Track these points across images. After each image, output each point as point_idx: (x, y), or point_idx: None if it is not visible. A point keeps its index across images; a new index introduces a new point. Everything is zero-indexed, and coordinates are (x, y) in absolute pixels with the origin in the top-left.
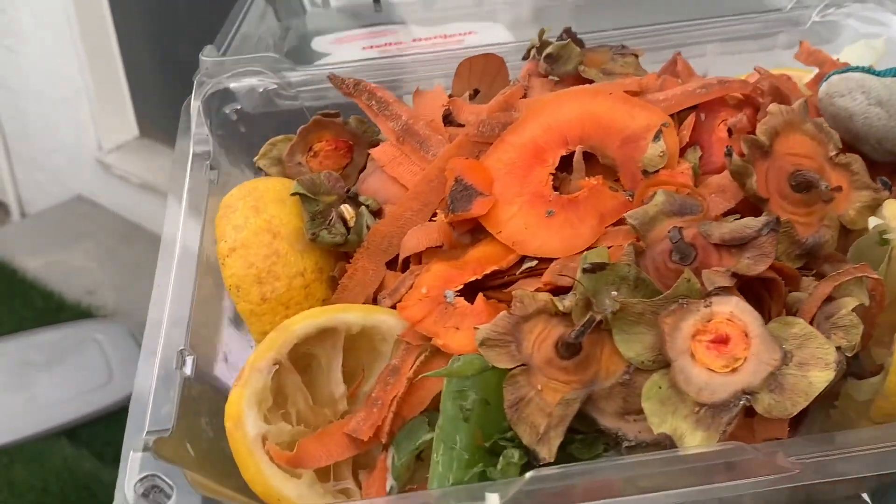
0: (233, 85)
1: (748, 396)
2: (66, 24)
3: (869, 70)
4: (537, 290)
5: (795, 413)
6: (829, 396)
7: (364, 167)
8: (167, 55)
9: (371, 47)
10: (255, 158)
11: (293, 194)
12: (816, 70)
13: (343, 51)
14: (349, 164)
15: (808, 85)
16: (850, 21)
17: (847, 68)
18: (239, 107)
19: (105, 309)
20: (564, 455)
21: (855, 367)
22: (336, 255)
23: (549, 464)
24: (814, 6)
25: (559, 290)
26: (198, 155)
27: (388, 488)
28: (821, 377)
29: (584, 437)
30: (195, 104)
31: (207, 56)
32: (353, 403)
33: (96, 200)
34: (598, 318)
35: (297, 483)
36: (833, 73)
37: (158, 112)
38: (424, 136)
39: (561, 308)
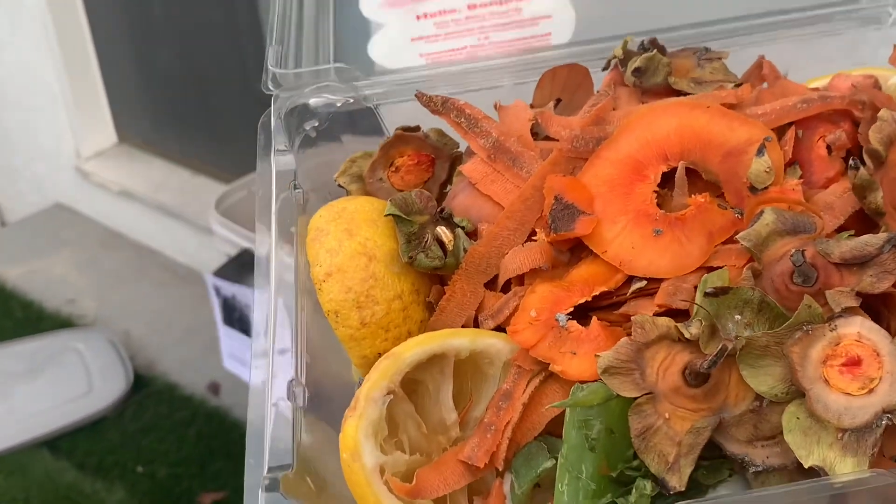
0: (311, 100)
1: (889, 415)
2: (42, 31)
3: None
4: (654, 313)
5: None
6: None
7: (445, 180)
8: (144, 61)
9: (425, 15)
10: (336, 175)
11: (387, 215)
12: None
13: (394, 17)
14: (430, 179)
15: None
16: None
17: None
18: (317, 123)
19: (85, 318)
20: (690, 482)
21: None
22: (430, 276)
23: (680, 493)
24: (891, 3)
25: (674, 313)
26: (281, 174)
27: None
28: None
29: (710, 462)
30: (275, 121)
31: (275, 66)
32: (463, 429)
33: (75, 208)
34: (730, 347)
35: None
36: None
37: (137, 118)
38: (516, 153)
39: (687, 335)
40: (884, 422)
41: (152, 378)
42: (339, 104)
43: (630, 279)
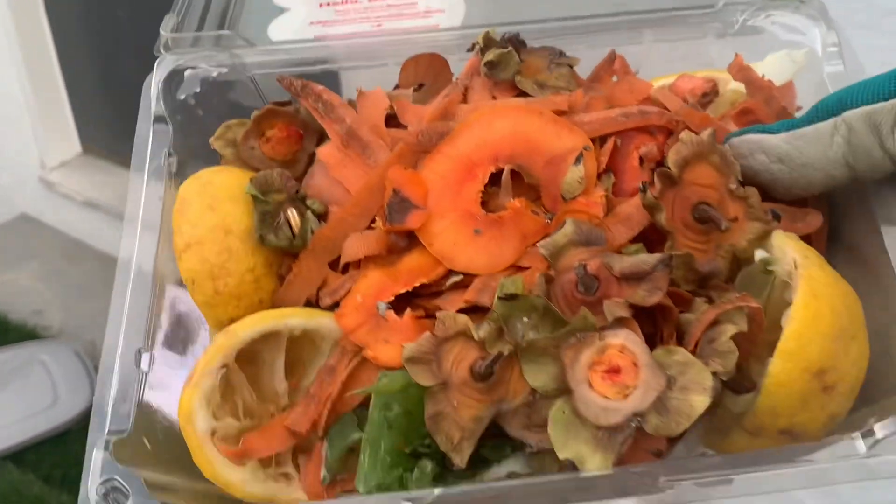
0: (190, 66)
1: (639, 419)
2: (4, 41)
3: (764, 129)
4: (460, 308)
5: (680, 432)
6: (709, 407)
7: (313, 154)
8: (109, 71)
9: (329, 3)
10: (211, 140)
11: (248, 193)
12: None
13: (300, 3)
14: (300, 151)
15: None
16: (776, 28)
17: (743, 130)
18: (198, 90)
19: (51, 329)
20: (477, 456)
21: (733, 382)
22: (284, 252)
23: (461, 470)
24: (742, 8)
25: (480, 308)
26: (157, 139)
27: (321, 477)
28: (700, 401)
29: (495, 441)
30: (155, 84)
31: (165, 29)
32: (294, 395)
33: (40, 219)
34: (507, 352)
35: (241, 471)
36: (731, 136)
37: (101, 129)
38: (367, 142)
39: (476, 337)
40: (634, 424)
41: None
42: (215, 73)
43: (450, 272)
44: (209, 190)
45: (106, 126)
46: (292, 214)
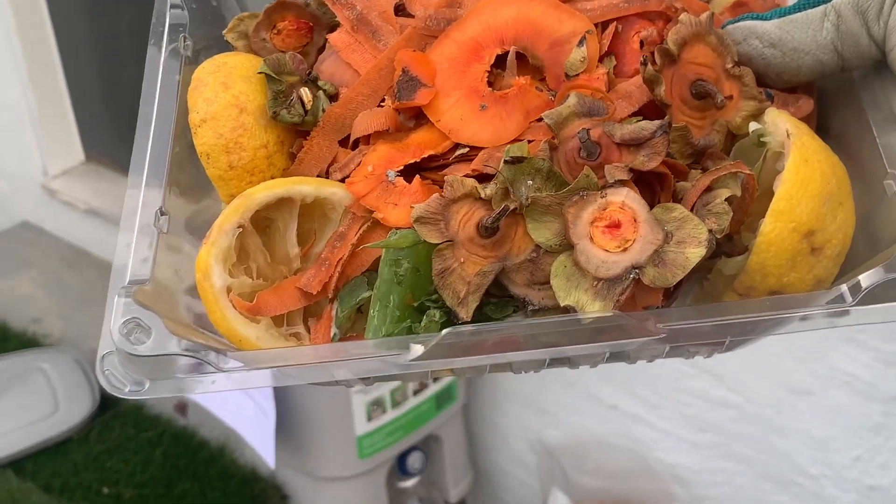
0: None
1: (637, 271)
2: (8, 48)
3: (757, 17)
4: (466, 175)
5: (675, 283)
6: (702, 271)
7: (323, 47)
8: (112, 80)
9: None
10: (224, 32)
11: (259, 73)
12: None
13: None
14: (309, 44)
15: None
16: None
17: (738, 17)
18: None
19: (51, 337)
20: (481, 315)
21: (726, 247)
22: (296, 131)
23: (466, 322)
24: None
25: (484, 177)
26: (173, 26)
27: (331, 335)
28: (695, 253)
29: (498, 300)
30: None
31: None
32: (305, 262)
33: (42, 227)
34: (512, 207)
35: (255, 327)
36: (727, 24)
37: (104, 137)
38: (377, 27)
39: (483, 195)
40: (632, 275)
41: (118, 398)
42: None
43: (456, 146)
44: (223, 70)
45: (109, 135)
46: (305, 93)
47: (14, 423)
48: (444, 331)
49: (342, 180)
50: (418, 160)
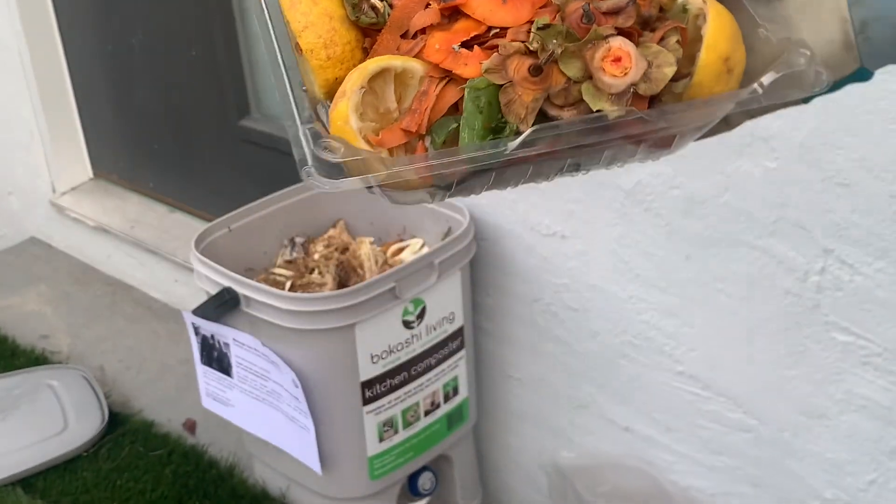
0: None
1: (634, 86)
2: (20, 66)
3: None
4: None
5: (658, 91)
6: (661, 94)
7: None
8: (121, 96)
9: None
10: None
11: None
12: None
13: None
14: None
15: None
16: None
17: None
18: None
19: (59, 354)
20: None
21: (677, 75)
22: (368, 31)
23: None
24: None
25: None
26: None
27: None
28: (669, 70)
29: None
30: None
31: None
32: (401, 113)
33: (50, 243)
34: (553, 51)
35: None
36: None
37: (112, 154)
38: None
39: (531, 48)
40: (631, 90)
41: (128, 416)
42: None
43: (489, 28)
44: None
45: (118, 152)
46: (377, 1)
47: (23, 440)
48: (531, 129)
49: None
50: (468, 38)
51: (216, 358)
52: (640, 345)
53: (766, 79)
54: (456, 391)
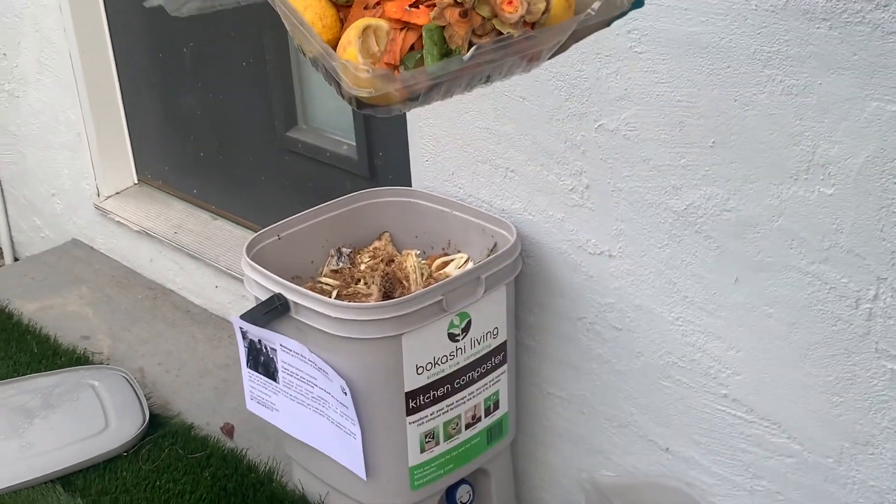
0: None
1: (522, 18)
2: (69, 71)
3: None
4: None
5: (538, 19)
6: (534, 25)
7: None
8: (169, 104)
9: None
10: None
11: None
12: None
13: None
14: None
15: None
16: None
17: None
18: None
19: (100, 355)
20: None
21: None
22: (339, 8)
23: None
24: None
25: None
26: None
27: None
28: (541, 6)
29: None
30: None
31: None
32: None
33: (92, 245)
34: (470, 4)
35: None
36: None
37: (157, 160)
38: None
39: (457, 1)
40: (522, 19)
41: (167, 418)
42: None
43: None
44: None
45: (161, 159)
46: None
47: (65, 438)
48: (473, 49)
49: None
50: (413, 1)
51: (262, 362)
52: (684, 367)
53: (595, 6)
54: (497, 406)
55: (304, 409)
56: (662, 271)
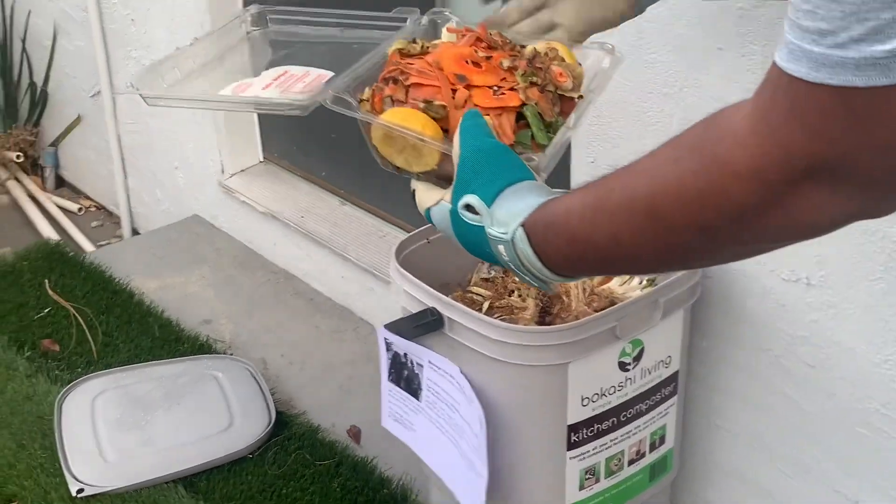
0: None
1: (573, 86)
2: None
3: None
4: None
5: (577, 88)
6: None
7: None
8: None
9: None
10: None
11: None
12: None
13: None
14: None
15: None
16: None
17: None
18: None
19: (221, 343)
20: None
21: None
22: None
23: None
24: None
25: None
26: None
27: None
28: (580, 70)
29: None
30: None
31: None
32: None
33: (214, 223)
34: (544, 81)
35: None
36: None
37: (284, 139)
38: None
39: (533, 81)
40: (571, 86)
41: (292, 417)
42: None
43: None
44: None
45: (290, 137)
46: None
47: (189, 435)
48: (573, 117)
49: None
50: (497, 86)
51: (405, 377)
52: (888, 415)
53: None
54: (663, 440)
55: (439, 435)
56: (872, 307)
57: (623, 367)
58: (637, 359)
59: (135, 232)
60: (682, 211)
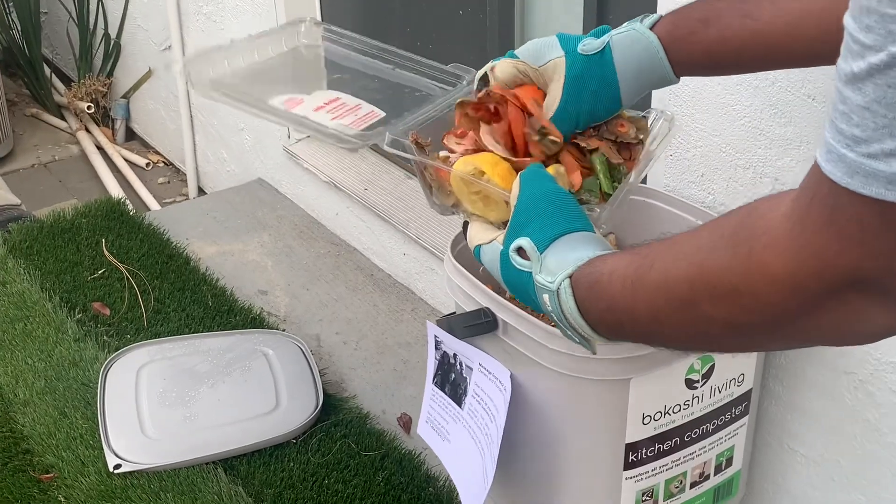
0: None
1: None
2: (272, 5)
3: None
4: None
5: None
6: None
7: None
8: None
9: None
10: None
11: None
12: None
13: None
14: None
15: None
16: None
17: None
18: None
19: (276, 317)
20: None
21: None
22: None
23: None
24: None
25: None
26: None
27: None
28: (643, 123)
29: None
30: None
31: None
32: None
33: (278, 189)
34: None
35: None
36: None
37: None
38: None
39: (606, 137)
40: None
41: (341, 401)
42: None
43: None
44: None
45: None
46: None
47: (233, 414)
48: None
49: None
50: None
51: (452, 381)
52: None
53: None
54: (730, 462)
55: (472, 446)
56: None
57: (690, 384)
58: (706, 376)
59: (201, 191)
60: (715, 304)
